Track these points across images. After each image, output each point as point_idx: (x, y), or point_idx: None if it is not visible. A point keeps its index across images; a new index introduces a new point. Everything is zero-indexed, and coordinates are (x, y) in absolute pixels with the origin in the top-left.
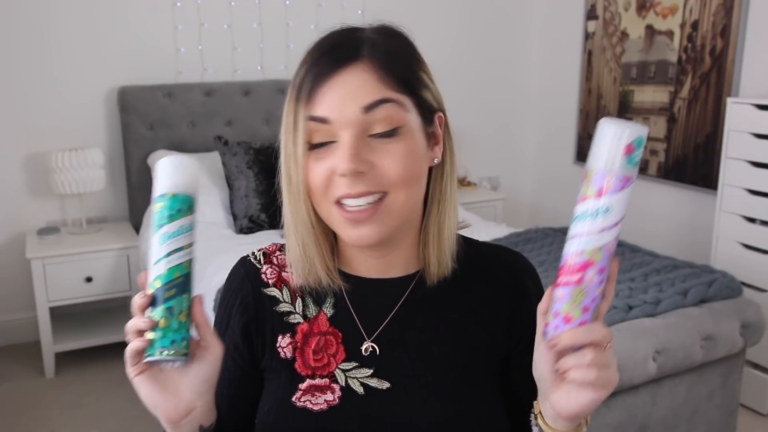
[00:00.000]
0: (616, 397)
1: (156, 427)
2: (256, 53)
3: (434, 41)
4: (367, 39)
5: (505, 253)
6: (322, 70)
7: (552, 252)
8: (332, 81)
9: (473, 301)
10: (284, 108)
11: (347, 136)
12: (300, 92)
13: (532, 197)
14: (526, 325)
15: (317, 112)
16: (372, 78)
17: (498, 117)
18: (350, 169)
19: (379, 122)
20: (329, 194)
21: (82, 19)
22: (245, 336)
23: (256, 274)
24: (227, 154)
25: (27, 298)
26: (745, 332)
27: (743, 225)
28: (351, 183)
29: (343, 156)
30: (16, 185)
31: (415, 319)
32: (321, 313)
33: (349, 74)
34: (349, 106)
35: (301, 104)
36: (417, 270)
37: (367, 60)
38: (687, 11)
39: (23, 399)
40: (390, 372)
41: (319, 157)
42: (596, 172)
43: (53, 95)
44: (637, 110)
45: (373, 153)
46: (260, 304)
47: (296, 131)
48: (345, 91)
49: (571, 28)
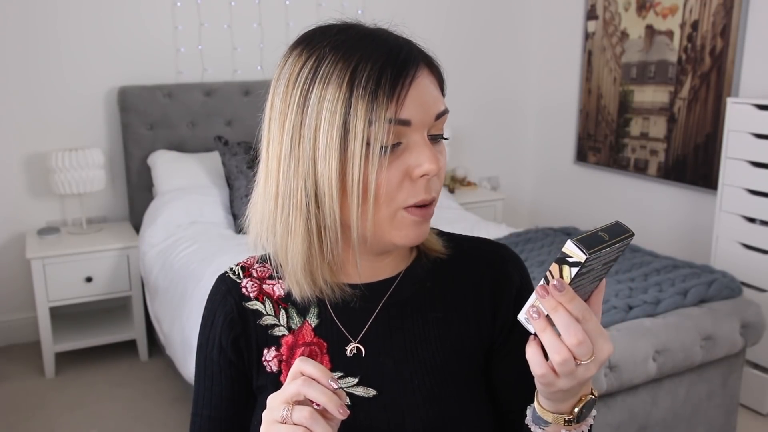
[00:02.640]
0: (616, 397)
1: (156, 427)
2: (256, 53)
3: (434, 41)
4: (403, 42)
5: (486, 245)
6: (403, 70)
7: (552, 252)
8: (416, 82)
9: (456, 297)
10: (327, 104)
11: (422, 138)
12: (376, 91)
13: (532, 197)
14: (509, 314)
15: (403, 114)
16: (435, 81)
17: (498, 117)
18: (436, 169)
19: (438, 126)
20: (399, 200)
21: (82, 19)
22: (237, 353)
23: (237, 288)
24: (227, 154)
25: (27, 298)
26: (745, 332)
27: (743, 225)
28: (427, 187)
29: (427, 157)
30: (16, 185)
31: (399, 321)
32: (305, 323)
33: (424, 77)
34: (429, 111)
35: (379, 105)
36: (401, 270)
37: (424, 66)
38: (687, 11)
39: (23, 399)
40: (375, 379)
41: (390, 160)
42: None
43: (53, 95)
44: (637, 110)
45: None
46: (245, 319)
47: (368, 132)
48: (426, 96)
49: (571, 28)
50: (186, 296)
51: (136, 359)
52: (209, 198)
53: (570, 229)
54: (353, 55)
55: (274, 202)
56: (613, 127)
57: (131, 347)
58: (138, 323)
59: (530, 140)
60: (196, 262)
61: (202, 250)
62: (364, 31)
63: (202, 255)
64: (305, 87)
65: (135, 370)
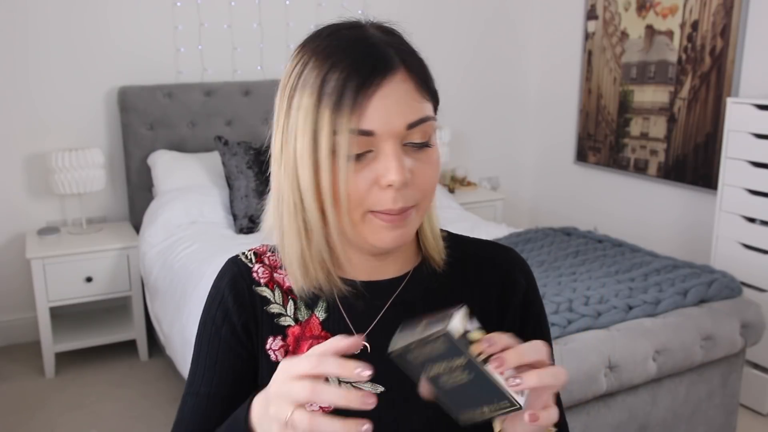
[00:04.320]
0: (616, 397)
1: (156, 427)
2: (256, 53)
3: (434, 41)
4: (388, 43)
5: (495, 248)
6: (366, 80)
7: (552, 252)
8: (380, 93)
9: (464, 299)
10: (302, 112)
11: (390, 147)
12: (340, 102)
13: (532, 197)
14: (516, 318)
15: (364, 125)
16: (411, 89)
17: (498, 117)
18: (401, 180)
19: (416, 134)
20: (365, 204)
21: (82, 19)
22: (247, 335)
23: (248, 272)
24: (227, 154)
25: (27, 298)
26: (745, 332)
27: (743, 225)
28: (395, 197)
29: (392, 168)
30: (16, 185)
31: (408, 320)
32: (313, 316)
33: (393, 85)
34: (396, 120)
35: (342, 115)
36: (408, 270)
37: (402, 69)
38: (687, 11)
39: (23, 399)
40: (382, 375)
41: (357, 168)
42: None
43: (53, 95)
44: (637, 110)
45: (412, 162)
46: (254, 304)
47: (334, 142)
48: (391, 104)
49: (571, 28)
50: (186, 296)
51: (136, 359)
52: (209, 198)
53: (570, 229)
54: (326, 62)
55: (274, 201)
56: (613, 127)
57: (131, 347)
58: (138, 323)
59: (530, 140)
60: (196, 262)
61: (202, 250)
62: (344, 36)
63: (202, 255)
64: (291, 92)
65: (135, 370)
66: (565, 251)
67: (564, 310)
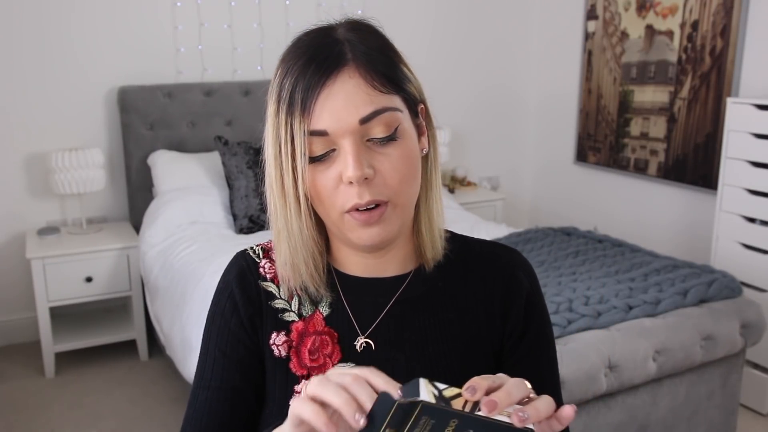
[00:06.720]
0: (616, 397)
1: (156, 427)
2: (256, 53)
3: (434, 41)
4: (344, 40)
5: (499, 249)
6: (312, 80)
7: (552, 252)
8: (325, 92)
9: (468, 299)
10: (269, 120)
11: (348, 144)
12: (292, 106)
13: (532, 197)
14: (519, 320)
15: (316, 125)
16: (362, 83)
17: (498, 117)
18: (357, 176)
19: (377, 128)
20: (338, 204)
21: (82, 18)
22: (253, 329)
23: (256, 267)
24: (227, 154)
25: (27, 298)
26: (745, 332)
27: (743, 225)
28: (359, 192)
29: (348, 164)
30: (16, 185)
31: (411, 319)
32: (317, 312)
33: (340, 83)
34: (346, 117)
35: (295, 118)
36: (411, 269)
37: (352, 64)
38: (687, 11)
39: (23, 399)
40: (387, 373)
41: (322, 168)
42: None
43: (53, 95)
44: (637, 110)
45: (375, 158)
46: (259, 297)
47: (293, 145)
48: (340, 101)
49: (571, 28)
50: (186, 296)
51: (136, 359)
52: (209, 198)
53: (570, 229)
54: (283, 69)
55: (269, 203)
56: (613, 127)
57: (131, 347)
58: (138, 323)
59: (530, 140)
60: (196, 262)
61: (202, 250)
62: (303, 41)
63: (202, 255)
64: (265, 99)
65: (135, 370)
66: (565, 251)
67: (564, 310)
